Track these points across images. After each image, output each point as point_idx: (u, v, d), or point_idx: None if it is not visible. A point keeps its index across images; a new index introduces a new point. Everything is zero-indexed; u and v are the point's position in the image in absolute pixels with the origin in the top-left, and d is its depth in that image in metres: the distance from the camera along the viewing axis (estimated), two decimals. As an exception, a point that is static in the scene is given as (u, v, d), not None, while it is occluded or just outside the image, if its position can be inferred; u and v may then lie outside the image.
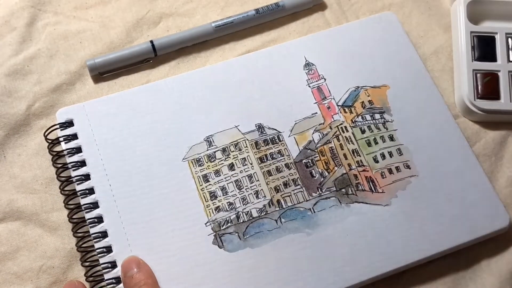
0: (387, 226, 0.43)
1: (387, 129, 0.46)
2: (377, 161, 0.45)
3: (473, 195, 0.44)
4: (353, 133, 0.46)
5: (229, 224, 0.43)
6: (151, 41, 0.49)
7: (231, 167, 0.45)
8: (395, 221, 0.43)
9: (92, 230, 0.42)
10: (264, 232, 0.42)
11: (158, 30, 0.51)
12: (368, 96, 0.48)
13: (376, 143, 0.46)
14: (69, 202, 0.43)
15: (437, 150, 0.45)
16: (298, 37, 0.51)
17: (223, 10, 0.52)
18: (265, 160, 0.45)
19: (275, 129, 0.46)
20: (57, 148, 0.45)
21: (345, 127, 0.46)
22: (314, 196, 0.44)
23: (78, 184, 0.43)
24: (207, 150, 0.45)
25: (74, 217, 0.43)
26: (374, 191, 0.44)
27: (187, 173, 0.44)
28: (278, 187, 0.44)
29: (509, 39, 0.50)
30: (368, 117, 0.47)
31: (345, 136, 0.46)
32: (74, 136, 0.45)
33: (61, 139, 0.44)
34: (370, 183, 0.44)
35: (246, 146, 0.45)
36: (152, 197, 0.43)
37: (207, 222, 0.43)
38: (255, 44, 0.51)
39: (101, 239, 0.42)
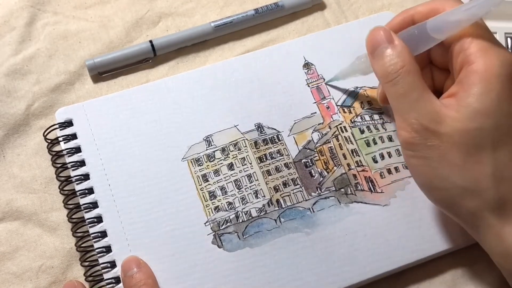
0: (386, 226, 0.43)
1: (386, 130, 0.46)
2: (376, 161, 0.45)
3: (472, 195, 0.44)
4: (352, 133, 0.46)
5: (228, 224, 0.43)
6: (151, 41, 0.49)
7: (231, 166, 0.45)
8: (394, 221, 0.43)
9: (91, 230, 0.42)
10: (263, 232, 0.43)
11: (157, 30, 0.51)
12: (367, 96, 0.48)
13: (375, 143, 0.46)
14: (69, 202, 0.43)
15: (436, 150, 0.45)
16: (298, 37, 0.51)
17: (222, 10, 0.52)
18: (264, 159, 0.45)
19: (275, 129, 0.46)
20: (57, 148, 0.45)
21: (344, 127, 0.46)
22: (314, 196, 0.44)
23: (77, 184, 0.43)
24: (207, 149, 0.45)
25: (73, 217, 0.43)
26: (373, 191, 0.44)
27: (186, 173, 0.44)
28: (277, 187, 0.44)
29: (509, 39, 0.50)
30: (367, 117, 0.47)
31: (344, 136, 0.46)
32: (74, 136, 0.45)
33: (60, 139, 0.45)
34: (369, 183, 0.44)
35: (246, 146, 0.45)
36: (152, 197, 0.43)
37: (206, 222, 0.43)
38: (255, 44, 0.51)
39: (100, 239, 0.42)
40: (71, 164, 0.44)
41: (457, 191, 0.36)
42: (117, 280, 0.41)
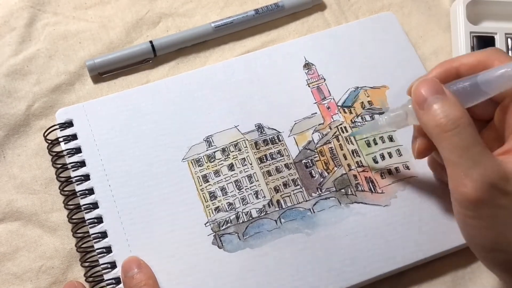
0: (386, 226, 0.43)
1: (386, 130, 0.46)
2: (376, 162, 0.45)
3: (472, 195, 0.44)
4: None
5: (228, 225, 0.43)
6: (151, 41, 0.49)
7: (231, 167, 0.45)
8: (395, 222, 0.43)
9: (91, 231, 0.42)
10: (263, 233, 0.42)
11: (157, 30, 0.51)
12: (368, 96, 0.48)
13: (376, 143, 0.46)
14: (69, 203, 0.43)
15: (437, 151, 0.45)
16: (298, 37, 0.51)
17: (222, 10, 0.52)
18: (264, 160, 0.45)
19: (275, 129, 0.46)
20: (57, 149, 0.45)
21: (345, 127, 0.46)
22: (314, 197, 0.44)
23: (77, 185, 0.43)
24: (207, 150, 0.45)
25: (73, 217, 0.43)
26: (374, 191, 0.44)
27: (187, 174, 0.44)
28: (277, 187, 0.44)
29: (509, 40, 0.50)
30: (367, 117, 0.47)
31: (344, 137, 0.46)
32: (74, 137, 0.45)
33: (60, 139, 0.44)
34: (370, 183, 0.44)
35: (246, 146, 0.45)
36: (152, 198, 0.43)
37: (206, 223, 0.43)
38: (255, 44, 0.51)
39: (100, 239, 0.42)
40: (71, 164, 0.44)
41: None
42: (117, 280, 0.41)
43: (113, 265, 0.41)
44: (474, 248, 0.36)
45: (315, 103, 0.47)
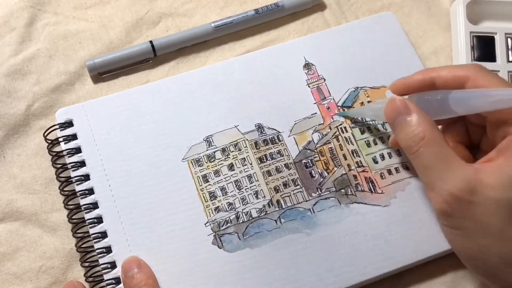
0: (386, 226, 0.43)
1: (386, 130, 0.46)
2: (376, 162, 0.45)
3: (472, 195, 0.44)
4: (352, 134, 0.46)
5: (228, 224, 0.43)
6: (151, 41, 0.49)
7: (231, 167, 0.45)
8: (395, 222, 0.43)
9: (91, 231, 0.42)
10: (263, 233, 0.42)
11: (157, 30, 0.51)
12: (368, 96, 0.48)
13: (376, 144, 0.46)
14: (69, 203, 0.43)
15: (437, 151, 0.45)
16: (298, 37, 0.51)
17: (222, 10, 0.52)
18: (264, 160, 0.45)
19: (275, 129, 0.46)
20: (57, 149, 0.45)
21: (345, 127, 0.46)
22: (314, 197, 0.44)
23: (77, 185, 0.43)
24: (207, 150, 0.45)
25: (73, 217, 0.43)
26: (374, 191, 0.44)
27: (187, 173, 0.44)
28: (277, 187, 0.44)
29: (509, 39, 0.50)
30: (367, 117, 0.47)
31: (344, 137, 0.46)
32: (74, 137, 0.45)
33: (60, 139, 0.45)
34: (370, 183, 0.44)
35: (246, 146, 0.45)
36: (152, 198, 0.43)
37: (206, 223, 0.43)
38: (255, 44, 0.51)
39: (100, 239, 0.42)
40: (71, 164, 0.44)
41: (496, 261, 0.34)
42: (117, 280, 0.41)
43: (113, 265, 0.41)
44: (458, 255, 0.37)
45: (315, 103, 0.47)
